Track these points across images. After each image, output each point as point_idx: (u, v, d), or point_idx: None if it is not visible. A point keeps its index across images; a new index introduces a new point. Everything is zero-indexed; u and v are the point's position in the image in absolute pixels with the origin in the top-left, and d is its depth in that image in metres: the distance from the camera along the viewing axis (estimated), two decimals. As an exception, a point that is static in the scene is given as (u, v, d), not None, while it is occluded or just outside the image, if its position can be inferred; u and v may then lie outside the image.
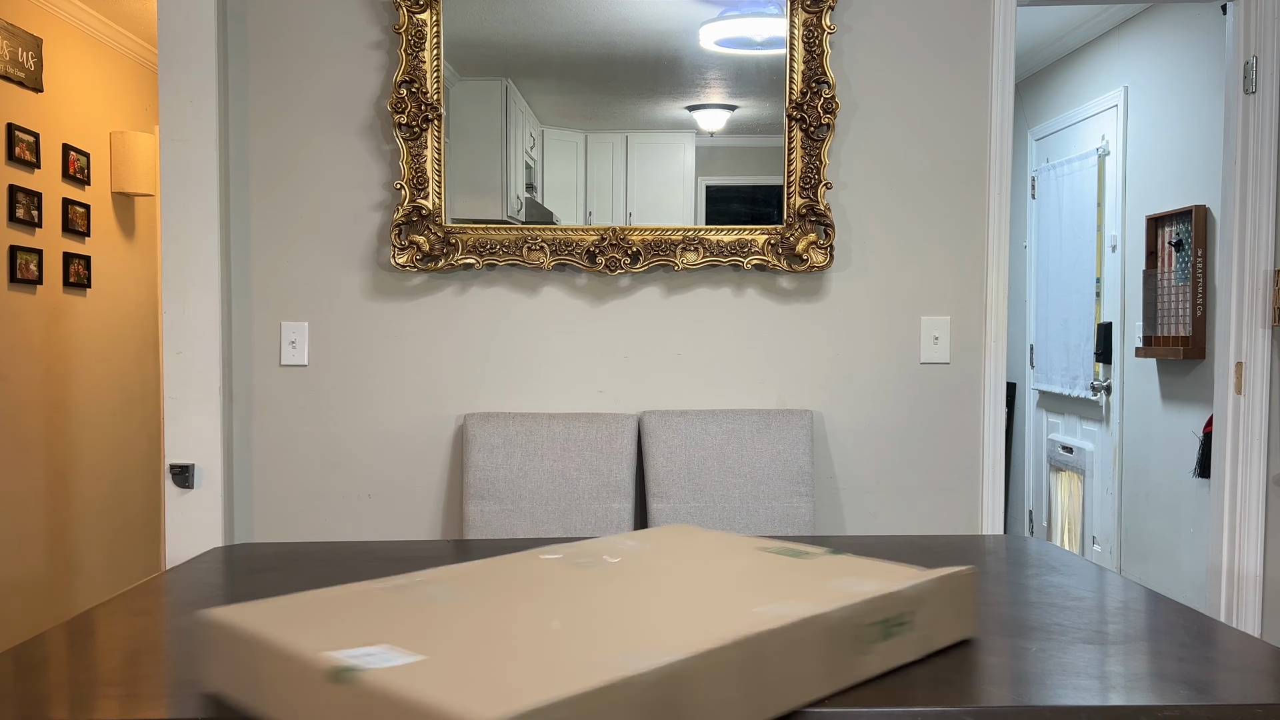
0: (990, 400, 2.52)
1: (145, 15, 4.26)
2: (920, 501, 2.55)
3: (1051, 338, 4.51)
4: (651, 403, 2.53)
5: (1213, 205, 3.31)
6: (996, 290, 2.51)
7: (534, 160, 2.46)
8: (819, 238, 2.46)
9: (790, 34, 2.43)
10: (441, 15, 2.41)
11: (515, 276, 2.51)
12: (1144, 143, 3.77)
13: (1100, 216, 4.09)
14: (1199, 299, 3.34)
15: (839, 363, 2.53)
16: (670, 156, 2.46)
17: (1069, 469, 4.45)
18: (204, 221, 2.43)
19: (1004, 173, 2.50)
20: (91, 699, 0.97)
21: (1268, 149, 2.50)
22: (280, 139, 2.49)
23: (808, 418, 2.45)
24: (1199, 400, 3.41)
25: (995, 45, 2.48)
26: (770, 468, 2.40)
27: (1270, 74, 2.49)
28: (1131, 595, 1.36)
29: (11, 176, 3.68)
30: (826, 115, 2.43)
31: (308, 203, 2.49)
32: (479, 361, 2.51)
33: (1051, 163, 4.52)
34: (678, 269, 2.47)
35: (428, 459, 2.52)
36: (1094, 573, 1.49)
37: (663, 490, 2.39)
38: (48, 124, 3.95)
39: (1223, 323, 2.59)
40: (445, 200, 2.45)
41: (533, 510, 2.37)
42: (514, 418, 2.43)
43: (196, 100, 2.41)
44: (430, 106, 2.41)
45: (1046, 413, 4.70)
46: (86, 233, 4.20)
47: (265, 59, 2.48)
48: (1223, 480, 2.59)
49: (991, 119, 2.50)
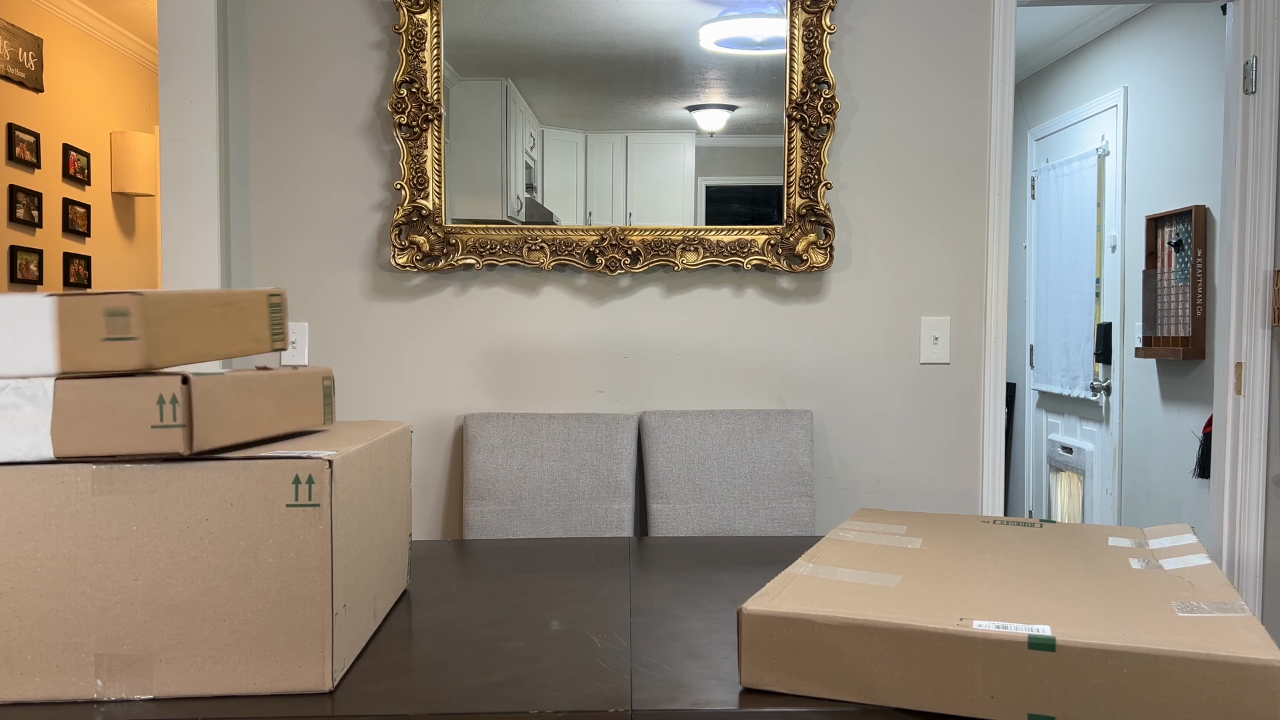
0: (990, 400, 2.52)
1: (145, 15, 4.26)
2: (920, 502, 2.55)
3: (1051, 338, 4.51)
4: (651, 403, 2.53)
5: (1212, 205, 3.32)
6: (996, 290, 2.51)
7: (534, 160, 2.46)
8: (819, 238, 2.46)
9: (790, 34, 2.43)
10: (441, 15, 2.41)
11: (515, 277, 2.51)
12: (1144, 143, 3.77)
13: (1100, 216, 4.09)
14: (1199, 299, 3.34)
15: (839, 363, 2.53)
16: (670, 156, 2.46)
17: (1069, 469, 4.45)
18: (204, 221, 2.43)
19: (1004, 173, 2.50)
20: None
21: (1268, 149, 2.50)
22: (280, 139, 2.49)
23: (808, 418, 2.45)
24: (1199, 400, 3.41)
25: (995, 45, 2.48)
26: (770, 468, 2.40)
27: (1270, 74, 2.49)
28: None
29: (11, 176, 3.68)
30: (826, 115, 2.43)
31: (308, 203, 2.50)
32: (479, 361, 2.51)
33: (1051, 163, 4.52)
34: (678, 269, 2.47)
35: (428, 459, 2.52)
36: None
37: (663, 490, 2.39)
38: (48, 124, 3.95)
39: (1222, 323, 2.59)
40: (445, 200, 2.45)
41: (533, 510, 2.37)
42: (514, 418, 2.43)
43: (196, 100, 2.41)
44: (430, 106, 2.41)
45: (1046, 413, 4.70)
46: (86, 233, 4.20)
47: (265, 59, 2.48)
48: (1222, 480, 2.59)
49: (991, 119, 2.50)
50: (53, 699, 1.02)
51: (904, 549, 1.25)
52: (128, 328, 0.99)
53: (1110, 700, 0.88)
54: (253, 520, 1.03)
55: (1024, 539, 1.32)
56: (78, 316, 0.99)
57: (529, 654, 1.17)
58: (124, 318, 0.99)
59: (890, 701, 0.96)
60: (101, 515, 1.01)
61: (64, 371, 1.00)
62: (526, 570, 1.60)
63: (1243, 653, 0.86)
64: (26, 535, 1.01)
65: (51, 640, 1.02)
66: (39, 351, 1.00)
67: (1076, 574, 1.14)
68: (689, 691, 1.04)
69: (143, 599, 1.02)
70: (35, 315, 1.00)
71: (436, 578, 1.54)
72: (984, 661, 0.92)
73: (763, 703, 1.00)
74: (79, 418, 0.99)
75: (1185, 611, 0.99)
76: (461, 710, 1.00)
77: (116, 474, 1.01)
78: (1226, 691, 0.85)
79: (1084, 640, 0.90)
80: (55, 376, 1.01)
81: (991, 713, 0.92)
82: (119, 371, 1.00)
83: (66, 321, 0.99)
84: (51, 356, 1.00)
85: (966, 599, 1.03)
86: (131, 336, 0.99)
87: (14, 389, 0.99)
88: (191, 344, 1.09)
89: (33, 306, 1.00)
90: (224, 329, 1.14)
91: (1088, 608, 1.00)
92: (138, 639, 1.02)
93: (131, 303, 0.99)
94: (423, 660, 1.15)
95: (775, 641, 1.00)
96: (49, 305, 0.99)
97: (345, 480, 1.08)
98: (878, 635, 0.96)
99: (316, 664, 1.04)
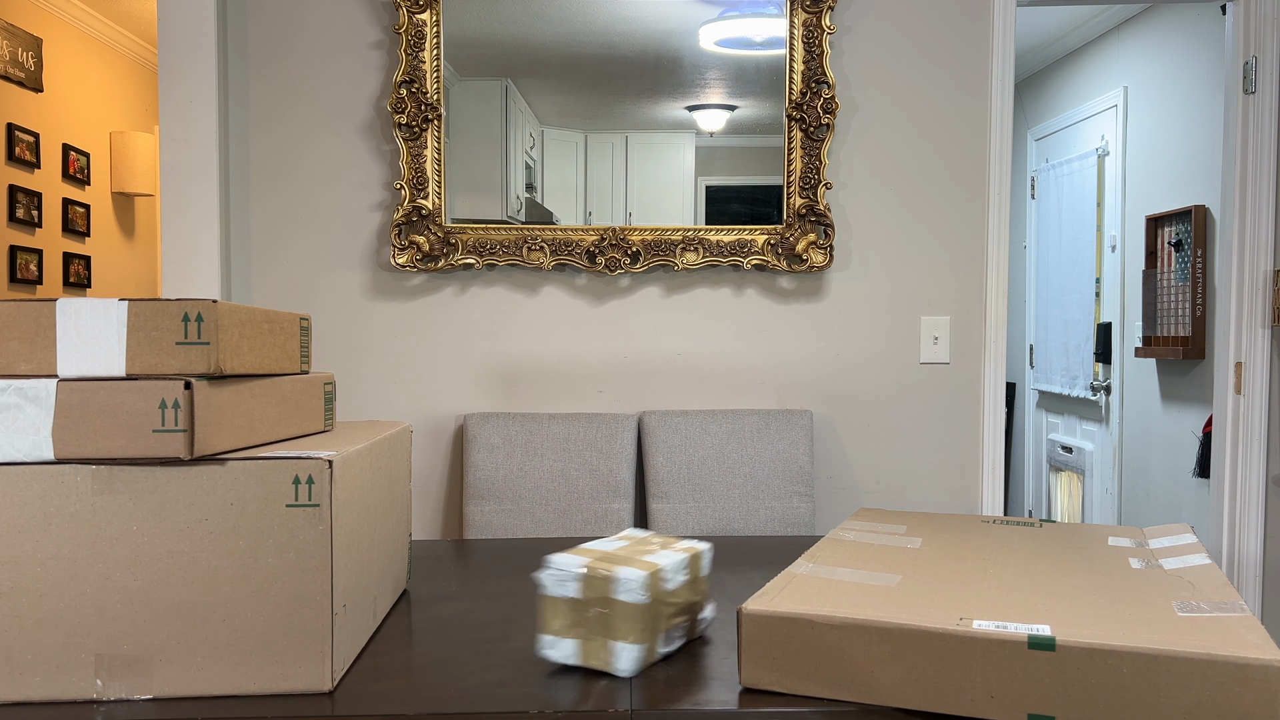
0: (990, 400, 2.52)
1: (145, 15, 4.26)
2: (920, 502, 2.55)
3: (1051, 338, 4.51)
4: (651, 403, 2.53)
5: (1212, 205, 3.32)
6: (996, 290, 2.51)
7: (534, 160, 2.46)
8: (819, 238, 2.46)
9: (790, 34, 2.43)
10: (441, 15, 2.41)
11: (515, 276, 2.51)
12: (1144, 143, 3.77)
13: (1100, 216, 4.09)
14: (1199, 299, 3.34)
15: (839, 363, 2.53)
16: (670, 156, 2.46)
17: (1069, 469, 4.45)
18: (204, 221, 2.43)
19: (1004, 173, 2.50)
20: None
21: (1267, 149, 2.50)
22: (280, 139, 2.49)
23: (808, 418, 2.45)
24: (1199, 400, 3.41)
25: (995, 45, 2.48)
26: (770, 468, 2.40)
27: (1270, 74, 2.49)
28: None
29: (11, 176, 3.69)
30: (826, 115, 2.43)
31: (308, 203, 2.50)
32: (479, 361, 2.52)
33: (1051, 163, 4.52)
34: (677, 269, 2.47)
35: (427, 459, 2.52)
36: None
37: (663, 490, 2.39)
38: (48, 124, 3.95)
39: (1222, 323, 2.59)
40: (445, 200, 2.45)
41: (533, 510, 2.37)
42: (514, 418, 2.43)
43: (196, 100, 2.41)
44: (430, 106, 2.41)
45: (1046, 413, 4.70)
46: (86, 233, 4.20)
47: (265, 59, 2.48)
48: (1222, 480, 2.59)
49: (991, 119, 2.50)
50: (53, 699, 1.02)
51: (904, 549, 1.25)
52: (201, 332, 1.01)
53: (1110, 700, 0.88)
54: (253, 520, 1.03)
55: (1024, 539, 1.32)
56: (150, 321, 1.01)
57: (529, 654, 1.17)
58: (198, 323, 1.01)
59: (890, 701, 0.96)
60: (102, 515, 1.01)
61: (131, 374, 1.01)
62: (527, 570, 1.60)
63: (1243, 653, 0.86)
64: (27, 535, 1.01)
65: (51, 640, 1.02)
66: (106, 355, 1.01)
67: (1076, 574, 1.14)
68: (689, 691, 1.04)
69: (143, 599, 1.02)
70: (105, 319, 1.01)
71: (436, 578, 1.54)
72: (984, 661, 0.92)
73: (763, 703, 1.00)
74: (81, 420, 0.99)
75: (1185, 611, 0.99)
76: (461, 710, 1.00)
77: (117, 474, 1.01)
78: (1226, 691, 0.85)
79: (1084, 640, 0.90)
80: (59, 379, 1.01)
81: (991, 713, 0.92)
82: (190, 374, 1.02)
83: (137, 325, 1.01)
84: (120, 360, 1.01)
85: (966, 599, 1.03)
86: (205, 341, 1.01)
87: (16, 389, 0.99)
88: (250, 355, 1.12)
89: (102, 311, 1.01)
90: (270, 344, 1.17)
91: (1088, 608, 1.00)
92: (138, 639, 1.02)
93: (206, 308, 1.01)
94: (423, 660, 1.15)
95: (775, 641, 1.00)
96: (120, 310, 1.01)
97: (345, 480, 1.08)
98: (878, 635, 0.96)
99: (316, 664, 1.04)
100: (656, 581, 1.09)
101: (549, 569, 1.09)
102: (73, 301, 1.01)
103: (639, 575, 1.06)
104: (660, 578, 1.09)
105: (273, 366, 1.19)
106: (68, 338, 1.01)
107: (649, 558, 1.12)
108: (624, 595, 1.05)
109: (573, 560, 1.09)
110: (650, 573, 1.07)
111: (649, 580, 1.07)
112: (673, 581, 1.12)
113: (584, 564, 1.08)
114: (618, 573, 1.06)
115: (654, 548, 1.17)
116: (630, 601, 1.05)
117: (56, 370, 1.01)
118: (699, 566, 1.19)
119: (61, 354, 1.01)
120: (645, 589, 1.06)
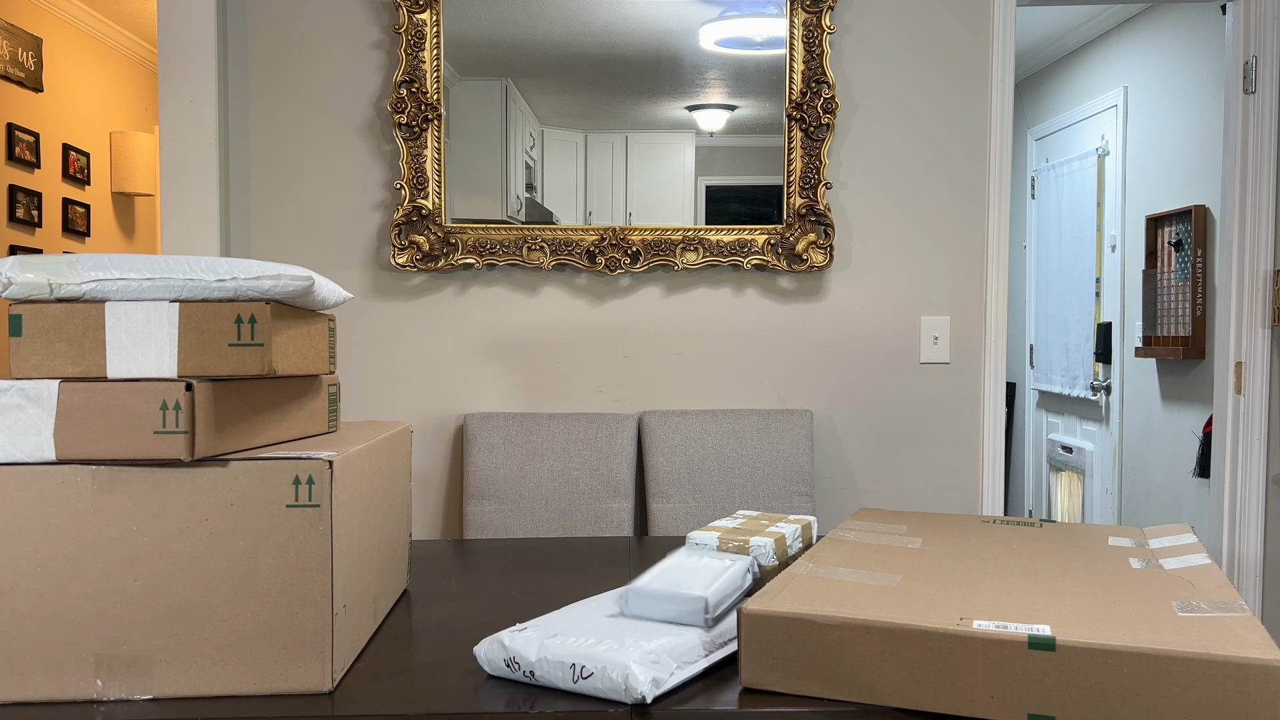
0: (990, 400, 2.52)
1: (145, 15, 4.27)
2: (920, 501, 2.55)
3: (1051, 338, 4.51)
4: (651, 402, 2.53)
5: (1212, 205, 3.32)
6: (996, 290, 2.51)
7: (534, 160, 2.46)
8: (819, 238, 2.46)
9: (790, 34, 2.43)
10: (441, 15, 2.41)
11: (515, 276, 2.51)
12: (1144, 143, 3.77)
13: (1100, 216, 4.09)
14: (1199, 299, 3.34)
15: (839, 363, 2.53)
16: (670, 156, 2.46)
17: (1069, 469, 4.45)
18: (204, 221, 2.43)
19: (1004, 173, 2.50)
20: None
21: (1267, 149, 2.50)
22: (280, 139, 2.49)
23: (808, 418, 2.45)
24: (1199, 400, 3.41)
25: (995, 45, 2.48)
26: (770, 468, 2.40)
27: (1270, 74, 2.49)
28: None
29: (11, 176, 3.69)
30: (826, 115, 2.43)
31: (308, 203, 2.50)
32: (479, 361, 2.52)
33: (1051, 163, 4.52)
34: (677, 269, 2.47)
35: (427, 459, 2.52)
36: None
37: (663, 490, 2.39)
38: (48, 124, 3.95)
39: (1222, 323, 2.59)
40: (445, 200, 2.45)
41: (533, 510, 2.37)
42: (514, 418, 2.43)
43: (196, 100, 2.41)
44: (430, 106, 2.41)
45: (1046, 413, 4.70)
46: (86, 233, 4.20)
47: (265, 59, 2.48)
48: (1222, 480, 2.59)
49: (991, 119, 2.50)
50: (53, 699, 1.02)
51: (904, 549, 1.26)
52: (255, 334, 1.01)
53: (1110, 700, 0.88)
54: (253, 521, 1.03)
55: (1024, 539, 1.32)
56: (202, 323, 1.01)
57: (529, 654, 1.17)
58: (251, 324, 1.01)
59: (890, 701, 0.96)
60: (102, 516, 1.01)
61: (183, 375, 1.01)
62: (526, 570, 1.60)
63: (1243, 653, 0.86)
64: (27, 535, 1.01)
65: (51, 640, 1.02)
66: (158, 357, 1.01)
67: (1076, 574, 1.14)
68: (689, 691, 1.04)
69: (143, 599, 1.02)
70: (156, 321, 1.01)
71: (436, 578, 1.54)
72: (984, 661, 0.92)
73: (763, 703, 1.00)
74: (82, 420, 0.99)
75: (1185, 611, 0.99)
76: (461, 710, 1.00)
77: (117, 474, 1.01)
78: (1226, 691, 0.85)
79: (1084, 640, 0.90)
80: (61, 380, 1.00)
81: (991, 712, 0.92)
82: (243, 376, 1.02)
83: (189, 327, 1.01)
84: (171, 362, 1.01)
85: (966, 599, 1.03)
86: (259, 343, 1.01)
87: (18, 390, 0.99)
88: (294, 356, 1.12)
89: (153, 312, 1.01)
90: (307, 346, 1.18)
91: (1088, 607, 1.00)
92: (138, 639, 1.02)
93: (259, 310, 1.01)
94: (423, 660, 1.15)
95: (775, 641, 1.00)
96: (172, 311, 1.01)
97: (345, 480, 1.08)
98: (878, 635, 0.96)
99: (316, 664, 1.04)
100: (782, 547, 1.29)
101: (692, 543, 1.31)
102: (122, 304, 1.01)
103: (768, 542, 1.26)
104: (784, 544, 1.31)
105: (309, 367, 1.19)
106: (117, 340, 1.01)
107: (773, 528, 1.35)
108: (760, 559, 1.26)
109: (708, 535, 1.30)
110: (776, 539, 1.28)
111: (775, 546, 1.27)
112: (793, 547, 1.35)
113: (716, 537, 1.29)
114: (753, 541, 1.26)
115: (765, 524, 1.40)
116: (764, 565, 1.26)
117: (106, 373, 1.01)
118: (810, 535, 1.40)
119: (111, 357, 1.01)
120: (774, 554, 1.27)
